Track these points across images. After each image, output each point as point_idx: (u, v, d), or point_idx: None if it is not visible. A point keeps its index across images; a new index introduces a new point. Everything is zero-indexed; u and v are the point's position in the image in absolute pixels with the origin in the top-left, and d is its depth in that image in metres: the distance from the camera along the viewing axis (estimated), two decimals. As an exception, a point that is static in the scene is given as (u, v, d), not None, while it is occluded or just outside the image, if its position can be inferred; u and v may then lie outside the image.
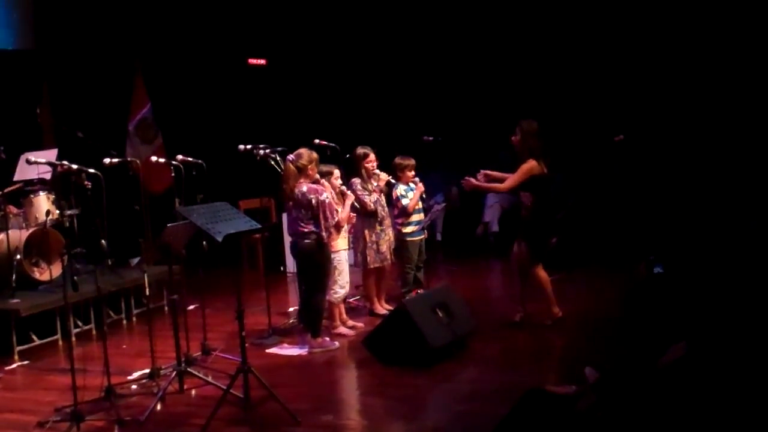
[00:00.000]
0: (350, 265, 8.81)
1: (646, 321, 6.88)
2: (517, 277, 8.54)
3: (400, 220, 9.30)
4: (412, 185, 9.31)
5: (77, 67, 12.28)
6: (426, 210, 9.65)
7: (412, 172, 9.32)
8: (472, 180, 8.34)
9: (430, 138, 10.25)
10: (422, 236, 9.42)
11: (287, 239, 8.26)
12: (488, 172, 8.45)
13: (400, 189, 9.28)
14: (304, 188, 7.68)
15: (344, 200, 8.27)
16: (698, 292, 6.82)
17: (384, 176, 9.11)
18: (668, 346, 4.89)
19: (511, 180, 8.17)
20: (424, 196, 9.43)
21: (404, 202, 9.21)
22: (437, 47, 13.56)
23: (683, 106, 11.48)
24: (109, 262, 9.35)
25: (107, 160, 7.66)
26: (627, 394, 4.55)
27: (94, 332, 8.99)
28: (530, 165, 8.08)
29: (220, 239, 6.06)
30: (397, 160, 9.37)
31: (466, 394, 6.72)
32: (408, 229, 9.29)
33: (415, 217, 9.32)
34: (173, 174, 7.99)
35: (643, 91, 11.89)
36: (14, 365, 8.02)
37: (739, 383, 4.39)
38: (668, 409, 4.34)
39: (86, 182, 6.63)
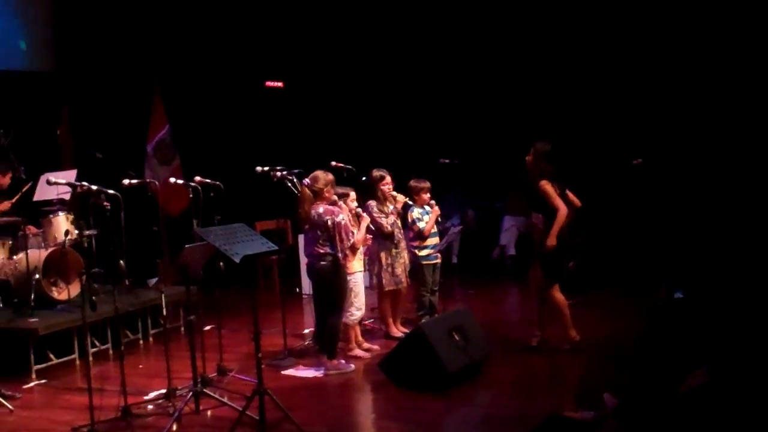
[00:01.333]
0: (366, 288, 8.80)
1: (666, 346, 6.84)
2: (535, 300, 8.52)
3: (415, 243, 9.28)
4: (427, 208, 9.30)
5: (96, 89, 12.41)
6: (442, 233, 9.64)
7: (428, 195, 9.30)
8: (549, 241, 8.09)
9: (446, 160, 10.24)
10: (437, 260, 9.40)
11: (303, 261, 8.28)
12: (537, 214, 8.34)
13: (416, 212, 9.26)
14: (321, 209, 7.70)
15: (359, 222, 8.28)
16: (720, 317, 6.77)
17: (401, 198, 9.12)
18: (689, 372, 4.87)
19: (557, 204, 7.95)
20: (440, 219, 9.41)
21: (420, 225, 9.19)
22: (454, 70, 13.59)
23: (703, 129, 11.45)
24: (127, 283, 9.39)
25: (126, 181, 7.73)
26: (648, 420, 4.52)
27: (111, 352, 9.03)
28: (548, 185, 8.03)
29: (237, 260, 6.08)
30: (412, 182, 9.36)
31: (482, 418, 6.70)
32: (423, 253, 9.27)
33: (431, 241, 9.29)
34: (191, 195, 8.02)
35: (662, 114, 11.87)
36: (32, 384, 8.04)
37: (762, 410, 4.36)
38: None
39: (105, 203, 6.65)
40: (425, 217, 9.24)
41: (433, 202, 9.28)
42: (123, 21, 12.74)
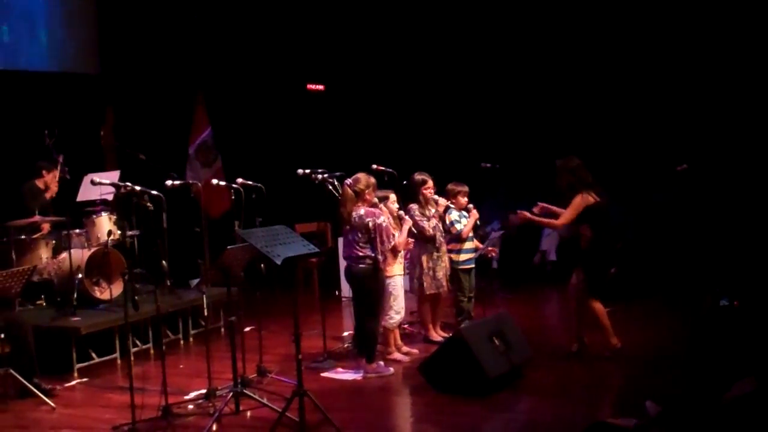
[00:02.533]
0: (405, 291, 8.78)
1: (711, 354, 6.76)
2: (574, 306, 8.45)
3: (451, 247, 9.24)
4: (464, 212, 9.26)
5: (140, 91, 12.53)
6: (482, 237, 9.59)
7: (465, 199, 9.28)
8: (526, 213, 8.26)
9: (488, 164, 10.20)
10: (473, 265, 9.36)
11: (343, 263, 8.27)
12: (545, 205, 8.37)
13: (454, 214, 9.23)
14: (362, 211, 7.70)
15: (401, 225, 8.26)
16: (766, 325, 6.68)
17: (443, 201, 9.09)
18: (734, 381, 4.80)
19: (564, 216, 8.05)
20: (478, 223, 9.36)
21: (458, 227, 9.17)
22: (498, 74, 13.55)
23: (749, 134, 11.31)
24: (169, 283, 9.46)
25: (169, 183, 7.78)
26: (693, 428, 4.46)
27: (152, 351, 9.10)
28: (580, 198, 7.98)
29: (279, 262, 6.08)
30: (450, 186, 9.33)
31: (523, 424, 6.66)
32: (460, 257, 9.25)
33: (468, 245, 9.27)
34: (233, 197, 8.05)
35: (708, 119, 11.74)
36: (74, 382, 8.12)
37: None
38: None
39: (148, 204, 6.69)
40: (463, 219, 9.21)
41: (471, 205, 9.25)
42: (167, 24, 12.85)
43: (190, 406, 7.09)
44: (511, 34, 13.36)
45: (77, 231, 9.63)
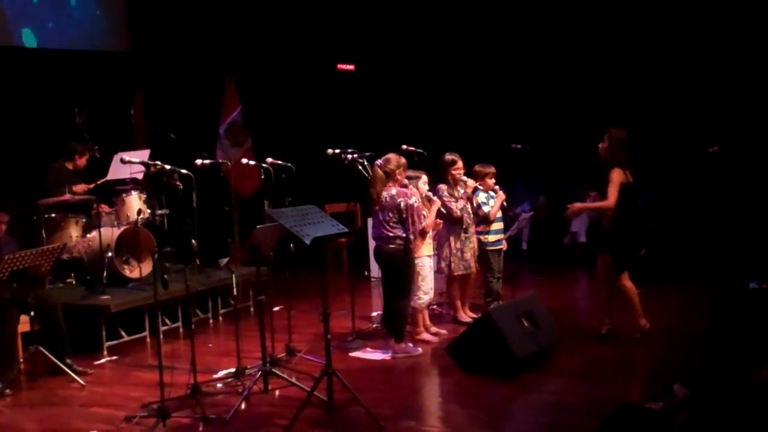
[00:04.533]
0: (434, 272, 8.76)
1: (740, 337, 6.70)
2: (604, 288, 8.40)
3: (480, 228, 9.21)
4: (492, 193, 9.22)
5: (170, 71, 12.55)
6: (511, 219, 9.54)
7: (493, 180, 9.23)
8: (577, 204, 8.19)
9: (518, 146, 10.14)
10: (502, 246, 9.33)
11: (372, 244, 8.26)
12: (597, 194, 8.33)
13: (481, 196, 9.19)
14: (393, 191, 7.67)
15: (431, 205, 8.23)
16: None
17: (471, 183, 9.05)
18: (762, 364, 4.76)
19: (611, 195, 7.94)
20: (505, 204, 9.32)
21: (486, 209, 9.13)
22: (528, 55, 13.47)
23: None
24: (198, 262, 9.49)
25: (199, 162, 7.81)
26: (722, 410, 4.43)
27: (181, 330, 9.15)
28: (618, 174, 7.92)
29: (308, 242, 6.07)
30: (477, 167, 9.28)
31: (551, 405, 6.62)
32: (489, 238, 9.21)
33: (496, 226, 9.23)
34: (263, 176, 8.05)
35: (740, 102, 11.62)
36: (103, 360, 8.18)
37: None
38: (766, 428, 4.22)
39: (178, 183, 6.70)
40: (490, 201, 9.18)
41: (497, 187, 9.21)
42: (196, 3, 12.85)
43: (219, 385, 7.13)
44: (545, 14, 13.26)
45: (107, 209, 9.69)
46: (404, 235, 7.66)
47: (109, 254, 9.14)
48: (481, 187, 9.18)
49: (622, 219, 8.00)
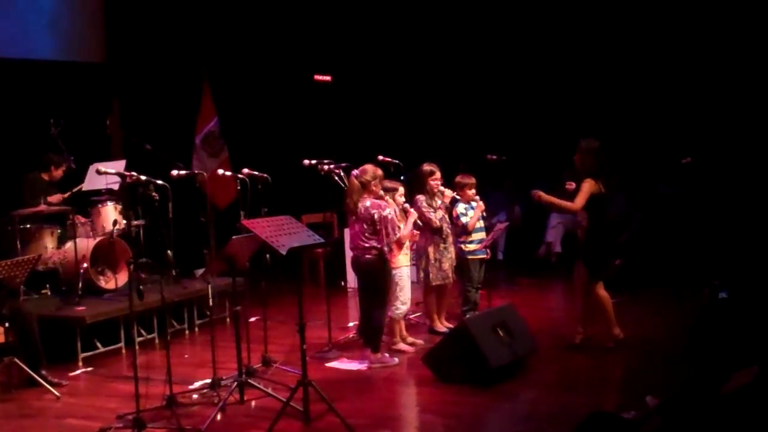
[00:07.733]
0: (412, 282, 8.78)
1: (710, 346, 6.76)
2: (579, 298, 8.46)
3: (461, 238, 9.25)
4: (472, 203, 9.27)
5: (146, 81, 12.53)
6: (488, 229, 9.60)
7: (473, 191, 9.27)
8: (543, 194, 8.23)
9: (494, 156, 10.20)
10: (484, 255, 9.37)
11: (348, 254, 8.28)
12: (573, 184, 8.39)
13: (460, 207, 9.23)
14: (368, 203, 7.70)
15: (406, 217, 8.26)
16: (765, 318, 6.68)
17: (449, 193, 9.07)
18: (732, 373, 4.80)
19: (579, 199, 8.06)
20: (484, 214, 9.37)
21: (464, 220, 9.17)
22: (504, 66, 13.54)
23: (752, 128, 11.30)
24: (174, 273, 9.48)
25: (175, 172, 7.81)
26: (691, 419, 4.47)
27: (157, 341, 9.12)
28: (588, 184, 7.99)
29: (284, 252, 6.10)
30: (458, 178, 9.32)
31: (525, 414, 6.67)
32: (470, 247, 9.25)
33: (476, 236, 9.27)
34: (239, 187, 8.06)
35: (712, 113, 11.73)
36: (78, 371, 8.15)
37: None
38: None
39: (153, 193, 6.70)
40: (470, 212, 9.22)
41: (477, 197, 9.26)
42: (173, 13, 12.83)
43: (195, 396, 7.12)
44: (518, 26, 13.34)
45: (83, 220, 9.66)
46: (379, 246, 7.68)
47: (85, 265, 9.11)
48: (459, 198, 9.22)
49: (596, 229, 8.08)
